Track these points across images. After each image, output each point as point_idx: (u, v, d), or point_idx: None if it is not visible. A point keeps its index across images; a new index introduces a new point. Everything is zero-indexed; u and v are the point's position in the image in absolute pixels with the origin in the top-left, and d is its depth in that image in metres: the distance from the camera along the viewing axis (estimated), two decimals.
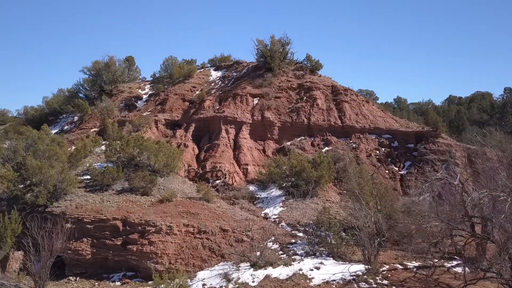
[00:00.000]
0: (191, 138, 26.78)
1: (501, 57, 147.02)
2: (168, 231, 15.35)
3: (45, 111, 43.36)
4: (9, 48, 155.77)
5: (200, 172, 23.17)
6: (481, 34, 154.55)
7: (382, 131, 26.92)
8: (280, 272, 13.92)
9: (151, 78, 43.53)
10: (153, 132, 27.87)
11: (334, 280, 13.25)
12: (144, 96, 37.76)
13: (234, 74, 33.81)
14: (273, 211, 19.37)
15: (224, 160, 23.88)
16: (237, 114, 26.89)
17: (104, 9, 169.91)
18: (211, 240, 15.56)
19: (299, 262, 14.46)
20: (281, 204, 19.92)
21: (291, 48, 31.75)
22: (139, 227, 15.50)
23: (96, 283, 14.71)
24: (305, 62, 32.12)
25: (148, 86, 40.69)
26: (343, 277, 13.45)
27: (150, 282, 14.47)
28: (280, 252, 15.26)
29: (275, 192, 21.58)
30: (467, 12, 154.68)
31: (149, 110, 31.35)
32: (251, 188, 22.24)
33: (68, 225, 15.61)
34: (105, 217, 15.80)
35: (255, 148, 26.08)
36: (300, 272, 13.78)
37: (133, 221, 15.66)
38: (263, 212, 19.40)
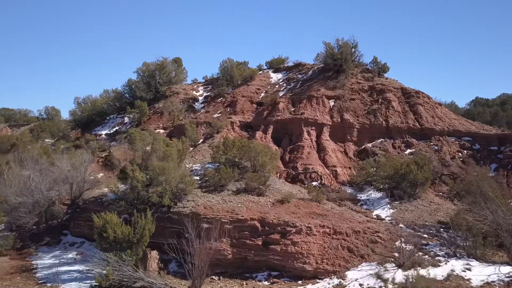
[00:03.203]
0: (271, 139, 26.96)
1: None
2: (308, 231, 15.52)
3: (93, 112, 43.55)
4: (14, 47, 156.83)
5: (293, 173, 23.33)
6: (501, 37, 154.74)
7: (461, 133, 27.06)
8: (432, 272, 14.06)
9: (203, 80, 43.92)
10: (231, 134, 28.05)
11: (493, 282, 13.42)
12: (200, 98, 38.02)
13: (299, 76, 34.00)
14: (384, 212, 19.53)
15: (312, 162, 24.06)
16: (317, 116, 27.08)
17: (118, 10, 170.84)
18: (347, 241, 15.74)
19: (446, 263, 14.65)
20: (388, 206, 20.07)
21: (359, 51, 31.93)
22: (278, 228, 15.65)
23: (244, 283, 14.86)
24: (372, 65, 32.31)
25: (202, 87, 40.96)
26: (499, 278, 13.61)
27: (299, 282, 14.66)
28: (421, 253, 15.38)
29: (374, 194, 21.74)
30: (475, 14, 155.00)
31: (219, 111, 31.51)
32: (348, 190, 22.38)
33: (206, 225, 15.82)
34: (242, 217, 15.96)
35: (337, 150, 26.25)
36: (454, 273, 13.96)
37: (271, 222, 15.82)
38: (374, 213, 19.55)
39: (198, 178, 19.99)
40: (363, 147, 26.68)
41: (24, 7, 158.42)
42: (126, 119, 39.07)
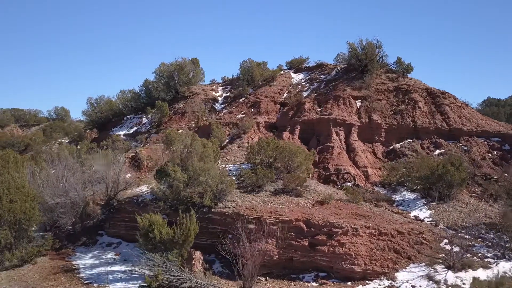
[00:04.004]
0: (298, 140, 26.89)
1: None
2: (354, 232, 15.45)
3: (110, 112, 43.72)
4: (14, 47, 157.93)
5: (325, 174, 23.25)
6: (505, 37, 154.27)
7: (490, 134, 26.88)
8: (484, 274, 13.96)
9: (221, 80, 43.96)
10: (257, 134, 28.02)
11: None
12: (219, 98, 38.04)
13: (322, 76, 33.93)
14: (421, 213, 19.41)
15: (343, 163, 23.97)
16: (345, 116, 27.00)
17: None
18: (393, 242, 15.66)
19: (496, 265, 14.53)
20: (425, 207, 19.96)
21: (383, 51, 31.80)
22: (324, 229, 15.59)
23: (292, 283, 14.81)
24: (395, 65, 32.19)
25: (221, 88, 40.97)
26: None
27: (348, 283, 14.60)
28: (469, 255, 15.27)
29: (408, 195, 21.65)
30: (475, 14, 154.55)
31: (243, 112, 31.46)
32: (381, 191, 22.29)
33: (251, 226, 15.79)
34: (287, 218, 15.91)
35: (366, 150, 26.16)
36: (507, 275, 13.82)
37: (316, 223, 15.77)
38: (411, 214, 19.43)
39: (234, 178, 19.95)
40: (391, 147, 26.58)
41: (24, 7, 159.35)
42: (145, 120, 39.15)
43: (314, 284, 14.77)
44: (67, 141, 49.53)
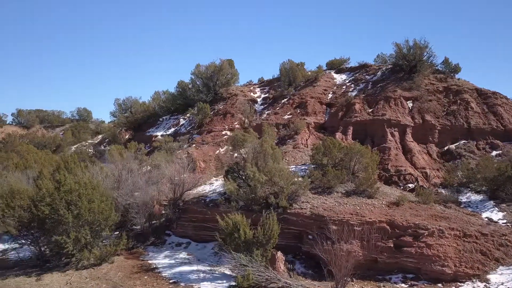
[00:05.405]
0: (352, 141, 26.79)
1: None
2: (440, 234, 15.37)
3: (146, 113, 44.42)
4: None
5: (385, 175, 23.15)
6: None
7: None
8: None
9: (258, 81, 44.17)
10: (309, 135, 28.04)
11: None
12: (258, 100, 38.19)
13: (367, 77, 33.79)
14: (494, 215, 19.18)
15: (402, 164, 23.83)
16: (399, 117, 26.87)
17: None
18: (479, 244, 15.53)
19: None
20: (497, 208, 19.73)
21: (430, 52, 31.54)
22: (409, 230, 15.54)
23: (381, 285, 14.79)
24: (442, 65, 31.91)
25: (258, 89, 41.13)
26: None
27: (439, 285, 14.52)
28: None
29: (473, 196, 21.43)
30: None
31: (289, 113, 31.52)
32: (443, 192, 22.10)
33: (334, 227, 15.80)
34: (370, 220, 15.90)
35: (422, 151, 25.98)
36: None
37: (400, 224, 15.73)
38: (483, 216, 19.22)
39: (302, 179, 19.98)
40: (446, 148, 26.34)
41: (24, 6, 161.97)
42: (182, 121, 39.52)
43: (404, 285, 14.71)
44: (97, 141, 50.40)
